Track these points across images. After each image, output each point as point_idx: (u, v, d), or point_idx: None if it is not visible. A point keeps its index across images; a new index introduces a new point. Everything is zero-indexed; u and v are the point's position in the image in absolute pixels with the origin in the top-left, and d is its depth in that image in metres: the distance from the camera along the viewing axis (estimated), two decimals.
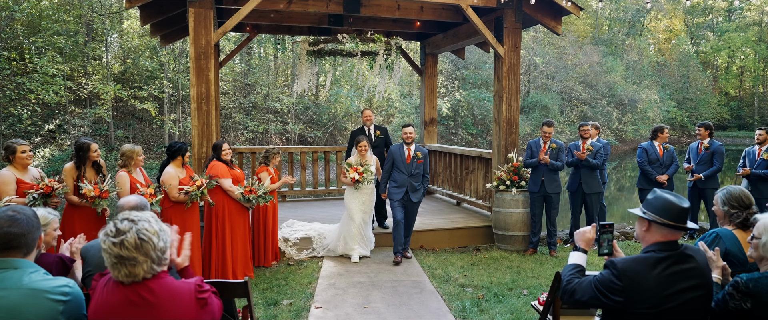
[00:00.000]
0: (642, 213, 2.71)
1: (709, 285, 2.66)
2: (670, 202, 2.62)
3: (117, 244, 2.06)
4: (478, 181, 9.56)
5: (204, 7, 7.35)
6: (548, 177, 7.83)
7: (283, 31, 11.69)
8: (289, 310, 5.48)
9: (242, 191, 6.50)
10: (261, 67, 28.65)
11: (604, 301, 2.66)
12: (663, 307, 2.55)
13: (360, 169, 7.53)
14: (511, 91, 8.60)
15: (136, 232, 2.10)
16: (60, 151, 19.05)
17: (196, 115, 7.39)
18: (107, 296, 2.18)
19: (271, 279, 6.53)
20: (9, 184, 5.39)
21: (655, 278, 2.56)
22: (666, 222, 2.60)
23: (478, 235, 8.68)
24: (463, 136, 30.03)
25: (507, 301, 5.73)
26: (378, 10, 8.87)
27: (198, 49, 7.33)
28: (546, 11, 8.42)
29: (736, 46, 52.43)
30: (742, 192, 3.64)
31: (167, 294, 2.18)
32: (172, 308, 2.17)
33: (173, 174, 6.15)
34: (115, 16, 23.45)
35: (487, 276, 6.74)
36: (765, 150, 8.14)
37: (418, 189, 7.59)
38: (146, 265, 2.13)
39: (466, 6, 8.14)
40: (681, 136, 44.90)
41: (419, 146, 7.67)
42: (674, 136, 43.43)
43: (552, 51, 38.10)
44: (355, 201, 7.72)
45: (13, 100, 18.34)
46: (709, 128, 8.60)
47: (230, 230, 6.51)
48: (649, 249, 2.66)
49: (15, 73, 18.83)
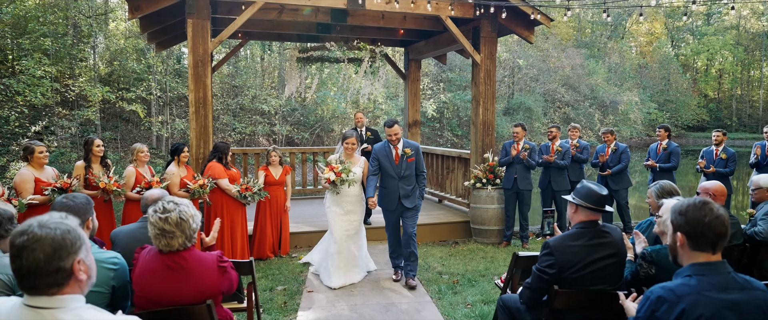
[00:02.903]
0: (572, 199, 3.37)
1: (622, 254, 3.32)
2: (592, 191, 3.30)
3: (162, 220, 2.68)
4: (458, 180, 10.21)
5: (201, 18, 7.91)
6: (521, 176, 8.49)
7: (274, 38, 12.27)
8: (283, 294, 6.09)
9: (238, 189, 7.12)
10: (248, 69, 29.08)
11: (545, 278, 3.29)
12: (586, 271, 3.23)
13: (338, 168, 6.39)
14: (488, 95, 9.25)
15: (179, 213, 2.72)
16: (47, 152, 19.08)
17: (194, 118, 7.96)
18: (149, 262, 2.80)
19: (266, 270, 7.12)
20: (28, 182, 5.97)
21: (578, 248, 3.24)
22: (588, 206, 3.29)
23: (457, 230, 9.31)
24: (449, 138, 30.68)
25: (479, 285, 6.38)
26: (363, 20, 9.49)
27: (196, 57, 7.90)
28: (519, 22, 9.08)
29: (714, 49, 53.58)
30: (671, 185, 4.30)
31: (196, 261, 2.81)
32: (199, 271, 2.80)
33: (175, 172, 6.80)
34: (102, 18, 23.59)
35: (463, 265, 7.38)
36: (721, 150, 8.89)
37: (411, 193, 6.41)
38: (181, 239, 2.75)
39: (445, 17, 8.77)
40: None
41: (408, 141, 6.61)
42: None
43: (535, 54, 38.92)
44: (336, 209, 6.60)
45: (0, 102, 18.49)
46: (668, 130, 9.32)
47: (230, 225, 7.12)
48: (576, 227, 3.34)
49: (2, 75, 18.92)
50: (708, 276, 2.21)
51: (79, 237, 1.76)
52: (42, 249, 1.66)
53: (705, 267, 2.24)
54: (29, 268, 1.66)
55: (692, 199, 2.32)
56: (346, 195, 6.52)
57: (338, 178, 6.36)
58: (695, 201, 2.28)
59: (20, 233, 1.69)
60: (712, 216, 2.23)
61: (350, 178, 6.42)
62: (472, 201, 9.02)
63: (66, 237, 1.71)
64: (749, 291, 2.21)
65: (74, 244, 1.72)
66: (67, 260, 1.70)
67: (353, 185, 6.51)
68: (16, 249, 1.68)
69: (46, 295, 1.70)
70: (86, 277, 1.77)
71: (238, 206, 7.27)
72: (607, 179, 9.18)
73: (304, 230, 8.59)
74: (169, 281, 2.77)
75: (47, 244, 1.67)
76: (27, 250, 1.66)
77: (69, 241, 1.71)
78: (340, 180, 6.37)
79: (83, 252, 1.76)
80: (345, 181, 6.40)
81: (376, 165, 6.41)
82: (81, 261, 1.75)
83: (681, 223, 2.28)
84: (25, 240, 1.67)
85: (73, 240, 1.73)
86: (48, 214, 1.76)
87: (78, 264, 1.73)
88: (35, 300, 1.70)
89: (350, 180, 6.42)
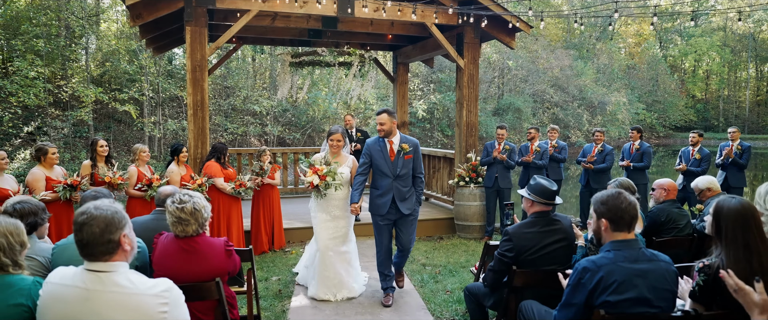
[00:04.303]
0: (526, 194, 3.89)
1: (570, 239, 3.85)
2: (543, 186, 3.83)
3: (179, 209, 3.18)
4: (443, 179, 10.73)
5: (199, 25, 8.37)
6: (501, 175, 9.01)
7: (266, 43, 12.75)
8: (278, 283, 6.58)
9: (233, 186, 7.62)
10: (240, 70, 29.40)
11: (505, 261, 3.81)
12: (539, 253, 3.77)
13: (322, 169, 5.61)
14: (471, 98, 9.76)
15: (193, 204, 3.22)
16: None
17: (192, 120, 8.43)
18: (167, 245, 3.30)
19: (261, 262, 7.60)
20: (40, 181, 6.44)
21: (532, 234, 3.78)
22: (540, 200, 3.81)
23: (442, 226, 9.82)
24: (439, 138, 31.11)
25: (459, 275, 6.89)
26: (353, 26, 9.98)
27: (194, 62, 8.36)
28: (500, 29, 9.60)
29: (702, 51, 54.42)
30: (629, 182, 4.83)
31: (207, 245, 3.31)
32: (210, 253, 3.29)
33: (176, 171, 7.32)
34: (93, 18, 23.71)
35: (446, 257, 7.89)
36: (697, 150, 9.43)
37: (409, 196, 5.61)
38: (195, 226, 3.25)
39: (431, 24, 9.26)
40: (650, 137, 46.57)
41: (406, 136, 5.75)
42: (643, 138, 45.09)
43: (525, 55, 39.45)
44: (322, 216, 5.87)
45: None
46: (640, 131, 9.89)
47: (226, 219, 7.61)
48: (530, 217, 3.88)
49: None
50: (623, 250, 2.76)
51: (124, 217, 2.27)
52: (97, 224, 2.18)
53: (621, 244, 2.78)
54: (88, 239, 2.17)
55: (609, 191, 2.86)
56: (332, 199, 5.78)
57: (323, 182, 5.57)
58: (611, 193, 2.83)
59: (81, 213, 2.22)
60: (627, 202, 2.77)
61: (336, 182, 5.62)
62: (456, 199, 9.53)
63: (114, 216, 2.23)
64: (655, 262, 2.76)
65: (120, 222, 2.24)
66: (115, 234, 2.20)
67: (341, 188, 5.75)
68: (78, 225, 2.19)
69: (101, 261, 2.21)
70: (130, 248, 2.28)
71: (233, 202, 7.76)
72: (589, 178, 9.73)
73: (297, 226, 9.07)
74: (184, 261, 3.26)
75: (101, 221, 2.18)
76: (86, 226, 2.17)
77: (117, 219, 2.23)
78: (324, 184, 5.57)
79: (127, 229, 2.28)
80: (330, 185, 5.61)
81: (367, 162, 5.58)
82: (126, 235, 2.26)
83: (603, 211, 2.82)
84: (85, 219, 2.19)
85: (120, 219, 2.24)
86: (99, 200, 2.27)
87: (124, 237, 2.25)
88: (93, 265, 2.21)
89: (337, 183, 5.62)
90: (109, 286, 2.17)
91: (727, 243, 2.64)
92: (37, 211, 3.29)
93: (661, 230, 5.28)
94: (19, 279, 2.40)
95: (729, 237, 2.64)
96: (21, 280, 2.40)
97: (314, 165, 5.65)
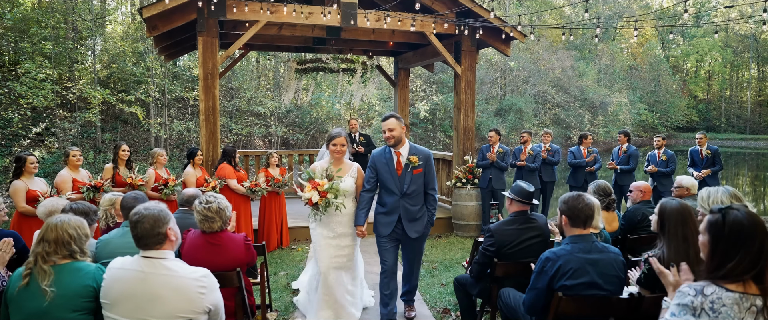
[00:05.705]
0: (508, 194, 4.41)
1: (545, 236, 4.39)
2: (522, 188, 4.35)
3: (206, 208, 3.71)
4: (442, 180, 11.24)
5: (211, 35, 8.88)
6: (495, 176, 9.52)
7: (273, 49, 13.29)
8: (286, 277, 7.12)
9: (248, 185, 8.19)
10: (244, 72, 29.79)
11: (488, 255, 4.32)
12: (518, 248, 4.31)
13: (324, 185, 4.78)
14: (468, 103, 10.26)
15: (217, 204, 3.75)
16: (49, 154, 19.71)
17: (204, 125, 8.94)
18: (194, 240, 3.82)
19: (270, 258, 8.13)
20: (67, 182, 6.99)
21: (512, 230, 4.32)
22: (519, 200, 4.34)
23: (441, 225, 10.30)
24: (441, 139, 31.43)
25: (454, 270, 7.42)
26: (356, 34, 10.49)
27: (206, 70, 8.88)
28: (495, 37, 10.10)
29: (704, 51, 54.75)
30: (606, 184, 5.33)
31: (229, 239, 3.85)
32: (232, 247, 3.83)
33: (192, 173, 7.90)
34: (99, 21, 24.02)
35: (442, 254, 8.41)
36: (662, 153, 9.88)
37: (419, 217, 4.92)
38: (219, 223, 3.78)
39: (429, 33, 9.77)
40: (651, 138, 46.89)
41: (417, 146, 5.06)
42: (644, 138, 45.51)
43: (526, 56, 39.74)
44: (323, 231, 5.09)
45: (3, 104, 19.10)
46: (628, 135, 10.37)
47: (236, 218, 8.15)
48: (510, 215, 4.41)
49: (6, 79, 19.54)
50: (578, 243, 3.31)
51: (168, 214, 2.86)
52: (148, 221, 2.77)
53: (578, 238, 3.32)
54: (142, 233, 2.76)
55: (572, 193, 3.39)
56: (335, 214, 4.99)
57: (323, 200, 4.77)
58: (573, 195, 3.37)
59: (134, 213, 2.81)
60: (584, 203, 3.31)
61: (339, 201, 4.81)
62: (453, 199, 10.04)
63: (160, 213, 2.82)
64: (605, 253, 3.30)
65: (166, 218, 2.83)
66: (162, 227, 2.80)
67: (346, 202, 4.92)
68: (133, 222, 2.78)
69: (153, 249, 2.79)
70: (175, 238, 2.87)
71: (243, 202, 8.33)
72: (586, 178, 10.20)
73: (302, 225, 9.57)
74: (209, 254, 3.77)
75: (151, 218, 2.78)
76: (139, 223, 2.77)
77: (163, 216, 2.82)
78: (325, 202, 4.78)
79: (171, 223, 2.87)
80: (331, 204, 4.80)
81: (374, 177, 4.91)
82: (171, 228, 2.85)
83: (564, 209, 3.36)
84: (138, 218, 2.78)
85: (165, 215, 2.84)
86: (150, 202, 2.81)
87: (169, 230, 2.84)
88: (148, 253, 2.79)
89: (339, 202, 4.80)
90: (160, 269, 2.76)
91: (669, 237, 3.16)
92: (89, 212, 3.88)
93: (637, 228, 5.77)
94: (85, 264, 2.95)
95: (671, 232, 3.16)
96: (87, 266, 2.95)
97: (314, 179, 4.87)
